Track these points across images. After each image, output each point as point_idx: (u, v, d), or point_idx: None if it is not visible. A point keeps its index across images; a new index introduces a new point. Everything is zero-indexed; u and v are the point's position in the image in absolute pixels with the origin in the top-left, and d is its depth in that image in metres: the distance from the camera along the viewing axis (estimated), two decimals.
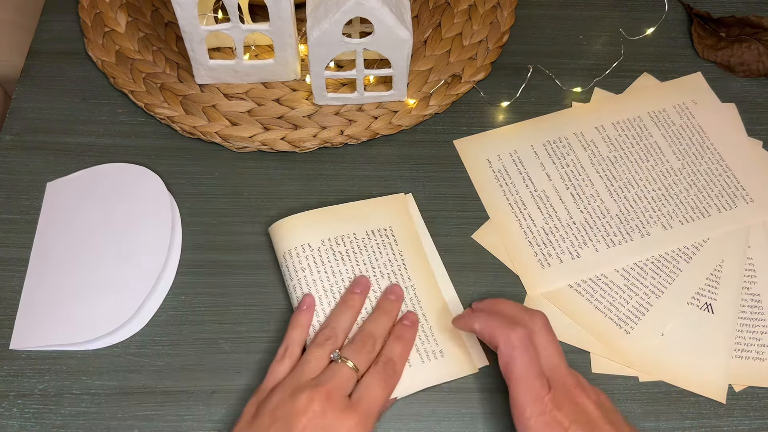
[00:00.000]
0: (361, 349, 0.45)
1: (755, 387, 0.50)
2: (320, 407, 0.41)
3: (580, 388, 0.43)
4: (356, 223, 0.54)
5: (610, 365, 0.50)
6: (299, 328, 0.48)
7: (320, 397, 0.42)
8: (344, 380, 0.44)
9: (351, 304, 0.49)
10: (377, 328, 0.47)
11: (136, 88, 0.60)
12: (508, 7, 0.65)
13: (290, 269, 0.51)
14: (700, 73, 0.63)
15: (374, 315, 0.48)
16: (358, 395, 0.43)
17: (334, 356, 0.45)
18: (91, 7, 0.63)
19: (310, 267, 0.51)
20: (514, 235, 0.55)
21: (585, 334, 0.51)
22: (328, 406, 0.41)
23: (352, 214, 0.54)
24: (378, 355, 0.46)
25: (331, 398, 0.42)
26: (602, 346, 0.51)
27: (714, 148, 0.59)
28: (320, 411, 0.41)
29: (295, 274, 0.51)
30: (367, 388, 0.44)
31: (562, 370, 0.44)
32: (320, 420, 0.41)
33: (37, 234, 0.54)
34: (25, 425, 0.47)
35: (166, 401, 0.48)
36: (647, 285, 0.53)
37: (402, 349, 0.47)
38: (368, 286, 0.50)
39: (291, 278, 0.51)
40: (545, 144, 0.59)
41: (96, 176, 0.56)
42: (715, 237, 0.55)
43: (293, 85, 0.60)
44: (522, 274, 0.54)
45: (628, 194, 0.57)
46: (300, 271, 0.51)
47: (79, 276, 0.52)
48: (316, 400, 0.42)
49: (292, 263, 0.51)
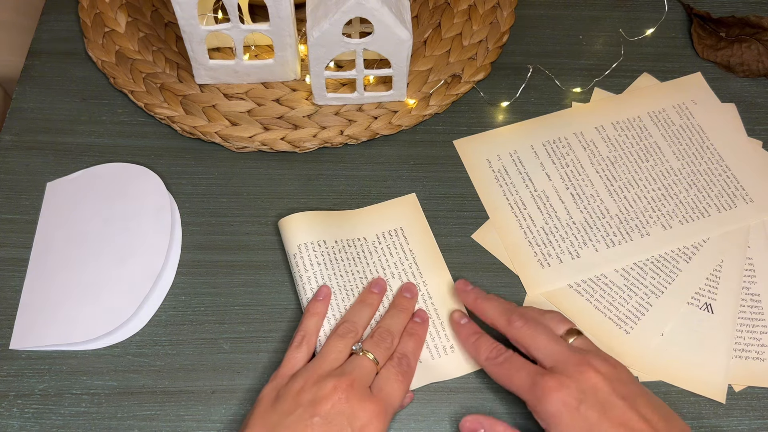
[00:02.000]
0: (380, 343, 0.47)
1: (755, 387, 0.50)
2: (345, 395, 0.43)
3: (585, 363, 0.43)
4: (366, 227, 0.54)
5: None
6: (316, 317, 0.49)
7: (344, 385, 0.43)
8: (366, 372, 0.45)
9: (370, 302, 0.50)
10: (394, 324, 0.48)
11: (136, 88, 0.60)
12: (508, 7, 0.65)
13: (305, 261, 0.51)
14: (699, 73, 0.63)
15: (391, 311, 0.50)
16: (378, 386, 0.45)
17: (355, 348, 0.46)
18: (91, 7, 0.63)
19: (325, 262, 0.51)
20: (513, 235, 0.55)
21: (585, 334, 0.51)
22: (351, 395, 0.43)
23: (361, 219, 0.55)
24: (393, 351, 0.47)
25: (354, 387, 0.43)
26: (602, 345, 0.51)
27: (714, 148, 0.59)
28: (344, 398, 0.42)
29: (311, 266, 0.51)
30: (387, 381, 0.45)
31: (564, 351, 0.44)
32: (343, 406, 0.42)
33: (37, 234, 0.54)
34: (25, 425, 0.47)
35: (166, 401, 0.48)
36: (647, 285, 0.53)
37: (415, 346, 0.48)
38: (385, 288, 0.51)
39: (306, 270, 0.51)
40: (545, 144, 0.59)
41: (96, 176, 0.56)
42: (714, 237, 0.55)
43: (293, 85, 0.60)
44: (522, 274, 0.54)
45: (628, 194, 0.57)
46: (316, 264, 0.51)
47: (79, 276, 0.52)
48: (341, 389, 0.43)
49: (307, 256, 0.51)
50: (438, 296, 0.52)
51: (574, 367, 0.43)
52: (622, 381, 0.43)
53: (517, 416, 0.48)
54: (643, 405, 0.42)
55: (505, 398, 0.49)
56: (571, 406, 0.42)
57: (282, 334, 0.51)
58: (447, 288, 0.52)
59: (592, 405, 0.41)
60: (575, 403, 0.42)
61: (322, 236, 0.52)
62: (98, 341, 0.50)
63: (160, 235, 0.53)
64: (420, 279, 0.52)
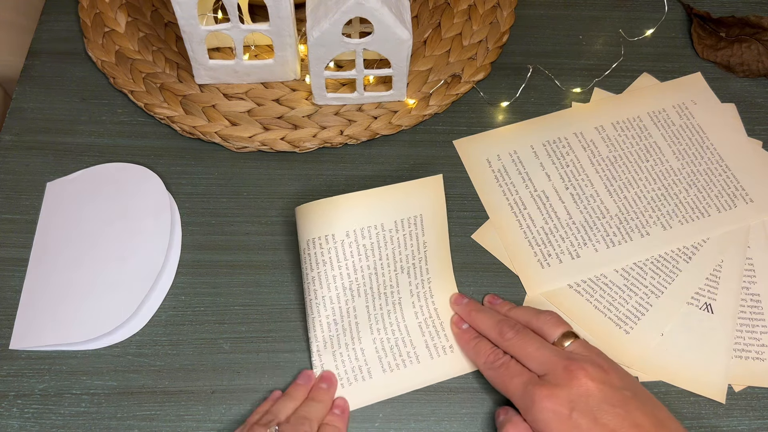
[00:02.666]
0: (299, 427, 0.45)
1: (755, 387, 0.50)
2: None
3: (576, 370, 0.43)
4: (387, 212, 0.51)
5: None
6: (292, 403, 0.47)
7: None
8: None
9: (294, 396, 0.48)
10: (311, 413, 0.47)
11: (136, 88, 0.60)
12: (508, 7, 0.65)
13: (311, 259, 0.50)
14: (699, 73, 0.63)
15: (307, 402, 0.48)
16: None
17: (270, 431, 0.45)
18: (91, 7, 0.63)
19: (332, 260, 0.50)
20: (513, 235, 0.55)
21: (584, 334, 0.51)
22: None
23: (384, 199, 0.51)
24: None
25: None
26: (602, 345, 0.51)
27: (714, 148, 0.59)
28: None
29: (316, 266, 0.50)
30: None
31: (554, 358, 0.44)
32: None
33: (37, 234, 0.54)
34: (25, 425, 0.47)
35: (166, 401, 0.48)
36: (647, 285, 0.53)
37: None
38: (311, 380, 0.49)
39: (311, 269, 0.50)
40: (545, 144, 0.59)
41: (96, 176, 0.56)
42: (714, 237, 0.55)
43: (293, 85, 0.60)
44: (521, 274, 0.54)
45: (628, 194, 0.57)
46: (321, 264, 0.50)
47: (79, 276, 0.52)
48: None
49: (314, 253, 0.50)
50: (440, 295, 0.52)
51: (564, 374, 0.43)
52: (614, 386, 0.43)
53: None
54: (635, 410, 0.42)
55: (505, 399, 0.49)
56: (562, 415, 0.41)
57: (282, 334, 0.51)
58: (450, 287, 0.52)
59: (583, 412, 0.41)
60: (566, 411, 0.42)
61: (332, 229, 0.50)
62: (98, 341, 0.50)
63: (159, 235, 0.53)
64: (425, 275, 0.52)
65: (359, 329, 0.50)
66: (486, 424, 0.48)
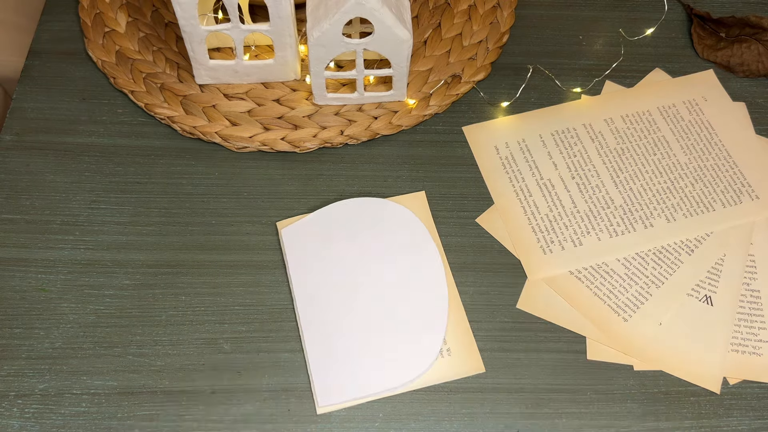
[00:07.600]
0: None
1: (754, 387, 0.50)
2: None
3: None
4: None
5: (606, 352, 0.50)
6: None
7: None
8: None
9: None
10: None
11: (136, 88, 0.60)
12: (508, 7, 0.65)
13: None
14: (711, 70, 0.64)
15: None
16: None
17: None
18: (91, 7, 0.63)
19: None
20: (517, 220, 0.56)
21: (582, 320, 0.51)
22: None
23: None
24: None
25: None
26: (599, 332, 0.51)
27: (722, 144, 0.60)
28: None
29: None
30: None
31: None
32: None
33: (294, 283, 0.52)
34: (25, 425, 0.47)
35: (166, 401, 0.48)
36: (648, 275, 0.53)
37: None
38: None
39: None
40: (553, 134, 0.60)
41: (331, 215, 0.55)
42: (718, 231, 0.55)
43: (293, 85, 0.60)
44: (524, 260, 0.54)
45: (634, 186, 0.57)
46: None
47: (362, 323, 0.51)
48: None
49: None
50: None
51: None
52: None
53: (517, 416, 0.48)
54: None
55: (505, 399, 0.49)
56: None
57: (282, 334, 0.51)
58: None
59: None
60: None
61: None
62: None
63: (431, 263, 0.52)
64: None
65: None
66: (486, 424, 0.48)
